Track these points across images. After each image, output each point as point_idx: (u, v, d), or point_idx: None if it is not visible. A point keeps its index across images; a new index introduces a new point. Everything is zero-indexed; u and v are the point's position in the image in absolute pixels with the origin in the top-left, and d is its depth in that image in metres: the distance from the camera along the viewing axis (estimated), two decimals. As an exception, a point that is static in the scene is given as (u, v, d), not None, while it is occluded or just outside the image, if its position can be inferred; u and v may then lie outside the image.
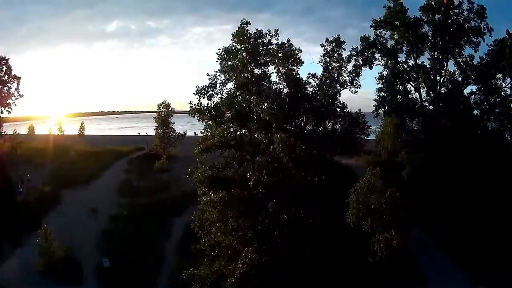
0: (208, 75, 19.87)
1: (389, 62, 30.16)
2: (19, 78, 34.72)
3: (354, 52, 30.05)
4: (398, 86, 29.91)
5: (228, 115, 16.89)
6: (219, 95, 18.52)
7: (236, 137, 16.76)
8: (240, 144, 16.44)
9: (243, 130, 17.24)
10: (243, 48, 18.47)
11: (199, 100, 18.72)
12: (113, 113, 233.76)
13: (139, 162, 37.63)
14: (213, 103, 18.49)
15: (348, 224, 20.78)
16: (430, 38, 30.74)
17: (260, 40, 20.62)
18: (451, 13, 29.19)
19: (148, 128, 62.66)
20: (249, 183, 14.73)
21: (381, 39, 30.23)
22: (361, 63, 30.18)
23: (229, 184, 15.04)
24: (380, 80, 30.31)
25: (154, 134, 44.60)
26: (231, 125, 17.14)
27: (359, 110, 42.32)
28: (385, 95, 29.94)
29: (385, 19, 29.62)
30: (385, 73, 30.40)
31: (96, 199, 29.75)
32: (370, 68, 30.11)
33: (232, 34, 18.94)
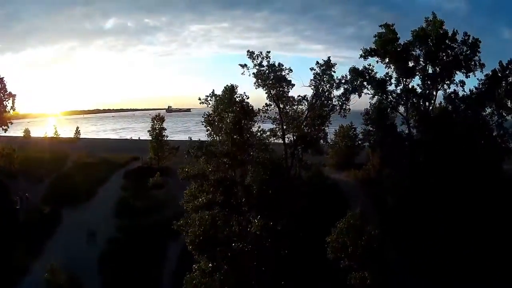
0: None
1: (377, 95, 31.39)
2: (14, 95, 35.97)
3: (343, 80, 31.30)
4: (384, 120, 31.11)
5: (212, 178, 18.50)
6: (205, 156, 19.97)
7: (221, 196, 18.45)
8: (223, 204, 18.23)
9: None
10: (228, 114, 19.83)
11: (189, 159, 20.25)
12: (108, 111, 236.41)
13: (134, 176, 39.46)
14: (200, 164, 20.04)
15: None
16: (422, 62, 31.74)
17: (245, 103, 21.91)
18: (446, 42, 30.05)
19: (141, 130, 64.34)
20: (233, 250, 16.72)
21: (370, 71, 31.32)
22: (350, 89, 31.49)
23: (217, 245, 16.97)
24: (366, 116, 31.70)
25: (146, 139, 46.39)
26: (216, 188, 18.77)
27: (351, 123, 44.07)
28: (370, 128, 31.42)
29: (375, 48, 30.65)
30: (371, 109, 31.66)
31: (94, 220, 31.97)
32: (359, 96, 31.49)
33: (218, 98, 20.23)
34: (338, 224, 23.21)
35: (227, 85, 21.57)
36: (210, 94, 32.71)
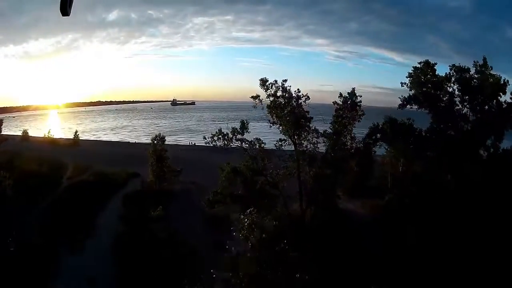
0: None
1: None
2: (1, 120, 33.60)
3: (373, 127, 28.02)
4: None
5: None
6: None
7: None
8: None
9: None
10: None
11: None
12: (110, 103, 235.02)
13: (134, 203, 37.93)
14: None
15: None
16: (458, 103, 28.26)
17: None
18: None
19: (142, 131, 61.97)
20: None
21: (409, 126, 27.81)
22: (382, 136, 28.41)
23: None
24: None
25: (144, 142, 44.53)
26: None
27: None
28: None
29: (414, 95, 26.99)
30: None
31: (92, 261, 30.83)
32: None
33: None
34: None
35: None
36: (217, 132, 30.10)
